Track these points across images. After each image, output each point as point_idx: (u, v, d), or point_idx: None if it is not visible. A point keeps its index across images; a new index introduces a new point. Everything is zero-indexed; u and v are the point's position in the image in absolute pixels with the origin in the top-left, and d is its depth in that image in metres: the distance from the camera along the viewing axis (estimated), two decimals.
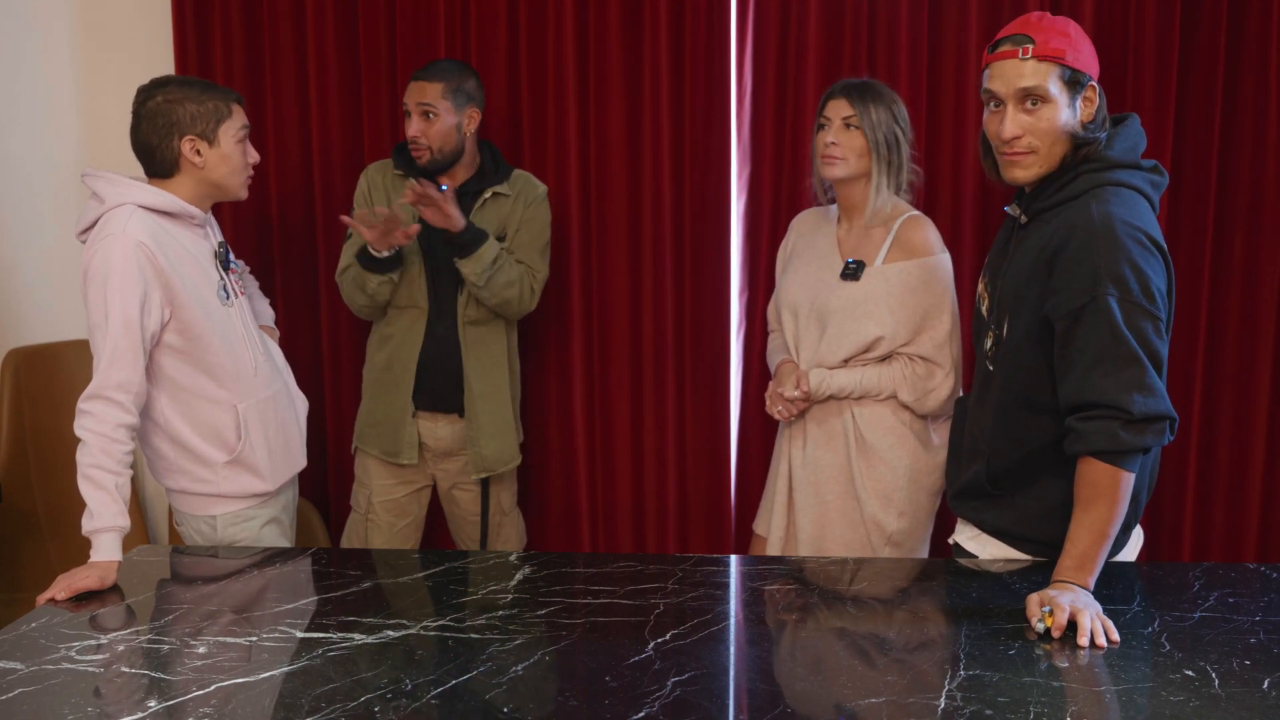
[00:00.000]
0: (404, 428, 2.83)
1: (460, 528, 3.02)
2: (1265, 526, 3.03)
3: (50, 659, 1.64)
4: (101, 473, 2.02)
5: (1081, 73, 1.90)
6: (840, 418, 2.51)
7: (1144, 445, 1.82)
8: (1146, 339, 1.82)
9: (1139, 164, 1.93)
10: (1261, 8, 2.83)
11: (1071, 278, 1.84)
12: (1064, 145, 1.93)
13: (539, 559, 2.10)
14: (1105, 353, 1.81)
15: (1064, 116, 1.90)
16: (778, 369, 2.55)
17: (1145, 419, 1.81)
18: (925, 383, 2.46)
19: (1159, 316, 1.84)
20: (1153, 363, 1.82)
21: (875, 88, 2.48)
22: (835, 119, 2.45)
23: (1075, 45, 1.90)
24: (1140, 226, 1.84)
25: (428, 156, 2.73)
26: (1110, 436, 1.81)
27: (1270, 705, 1.46)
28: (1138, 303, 1.81)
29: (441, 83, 2.71)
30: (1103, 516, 1.83)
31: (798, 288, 2.55)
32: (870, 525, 2.49)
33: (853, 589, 1.94)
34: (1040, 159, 1.93)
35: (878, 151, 2.43)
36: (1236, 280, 2.96)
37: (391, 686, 1.54)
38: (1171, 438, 1.87)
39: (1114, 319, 1.80)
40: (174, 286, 2.15)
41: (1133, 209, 1.86)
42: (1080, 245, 1.84)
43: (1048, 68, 1.89)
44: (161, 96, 2.19)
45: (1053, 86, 1.89)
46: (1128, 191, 1.89)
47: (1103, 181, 1.89)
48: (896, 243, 2.47)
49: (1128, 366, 1.80)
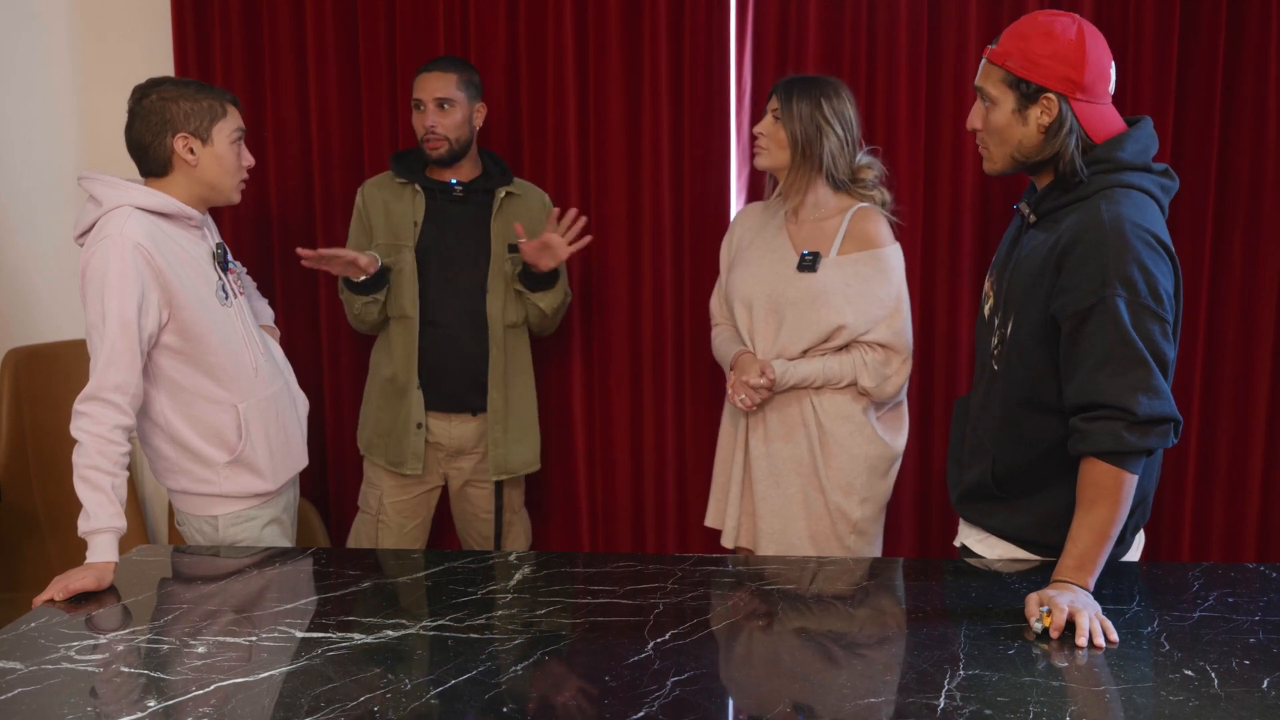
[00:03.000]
0: (408, 438, 2.84)
1: (471, 524, 3.02)
2: (1265, 526, 3.03)
3: (50, 659, 1.64)
4: (98, 474, 2.02)
5: (1028, 81, 1.89)
6: (800, 406, 2.54)
7: (1148, 447, 1.82)
8: (1153, 341, 1.81)
9: (1150, 167, 1.92)
10: (1261, 8, 2.83)
11: (1080, 278, 1.84)
12: (1012, 150, 1.95)
13: (539, 559, 2.10)
14: (1112, 354, 1.81)
15: (1005, 120, 1.93)
16: (738, 359, 2.57)
17: (1150, 420, 1.80)
18: (884, 369, 2.51)
19: (1166, 319, 1.83)
20: (1159, 365, 1.82)
21: (809, 82, 2.52)
22: (768, 112, 2.55)
23: (1029, 51, 1.89)
24: (1149, 229, 1.83)
25: (445, 147, 2.75)
26: (1114, 437, 1.81)
27: (1270, 705, 1.46)
28: (1146, 304, 1.81)
29: (456, 74, 2.75)
30: (1104, 517, 1.83)
31: (751, 281, 2.57)
32: (835, 514, 2.52)
33: (852, 588, 1.94)
34: (992, 155, 1.99)
35: (795, 143, 2.49)
36: (1236, 280, 2.96)
37: (391, 686, 1.54)
38: (1176, 440, 1.86)
39: (1121, 320, 1.80)
40: (172, 288, 2.14)
41: (1142, 211, 1.86)
42: (1089, 245, 1.83)
43: (994, 70, 1.94)
44: (156, 94, 2.19)
45: (995, 89, 1.94)
46: (1137, 194, 1.88)
47: (1113, 183, 1.88)
48: (849, 235, 2.52)
49: (1134, 368, 1.80)
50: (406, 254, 2.79)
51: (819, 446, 2.53)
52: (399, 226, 2.80)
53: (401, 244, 2.80)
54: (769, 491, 2.56)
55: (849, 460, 2.52)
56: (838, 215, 2.55)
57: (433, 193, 2.82)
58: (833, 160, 2.51)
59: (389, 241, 2.81)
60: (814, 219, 2.56)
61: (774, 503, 2.55)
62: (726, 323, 2.70)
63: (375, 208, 2.84)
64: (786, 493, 2.54)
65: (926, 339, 3.04)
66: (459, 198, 2.82)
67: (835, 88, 2.52)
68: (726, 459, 2.69)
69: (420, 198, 2.81)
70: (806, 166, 2.51)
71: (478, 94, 2.81)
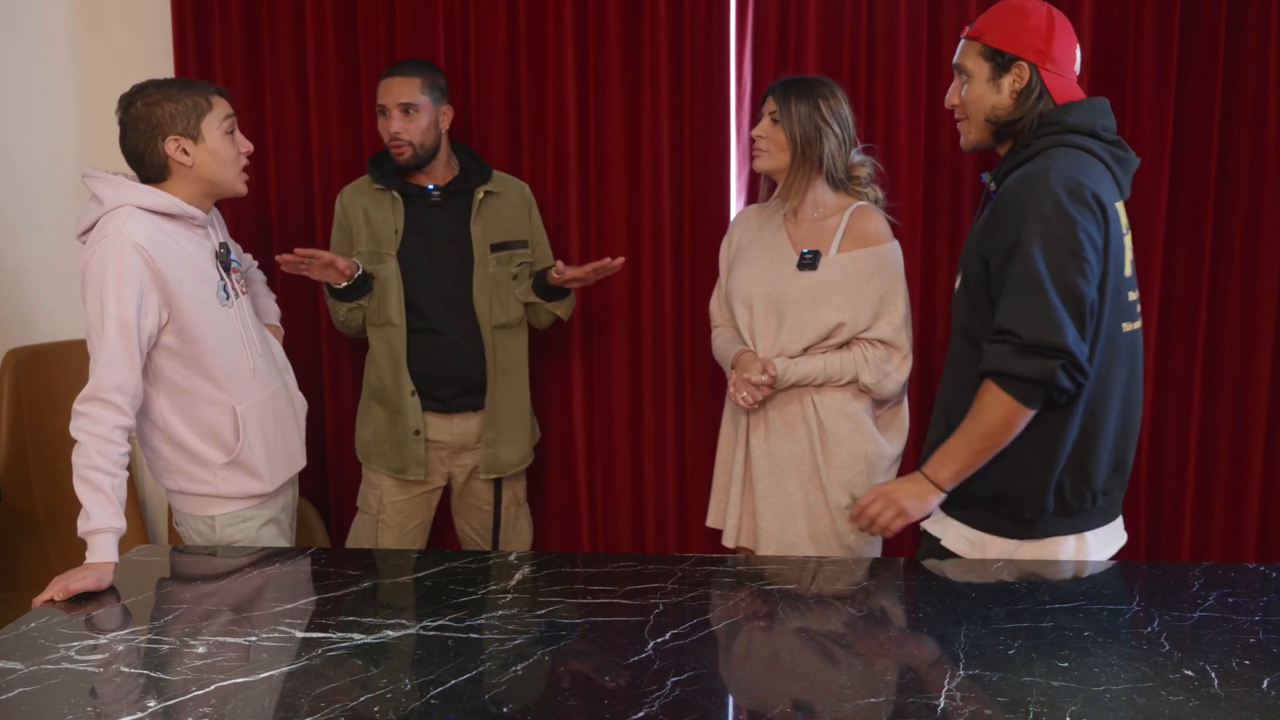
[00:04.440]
0: (408, 445, 2.84)
1: (473, 518, 3.02)
2: (1265, 526, 3.03)
3: (50, 659, 1.64)
4: (97, 474, 2.02)
5: (1002, 51, 2.03)
6: (801, 404, 2.54)
7: (1030, 375, 1.90)
8: (1064, 276, 1.89)
9: (1096, 133, 2.02)
10: (1261, 7, 2.83)
11: (1005, 219, 1.96)
12: (985, 115, 2.07)
13: (539, 559, 2.10)
14: (1017, 283, 1.92)
15: (980, 90, 2.07)
16: (738, 357, 2.57)
17: (1035, 346, 1.88)
18: (884, 365, 2.52)
19: (1084, 258, 1.90)
20: (1067, 300, 1.89)
21: (805, 83, 2.54)
22: (765, 114, 2.55)
23: (1003, 26, 2.04)
24: (1077, 178, 1.92)
25: (410, 153, 2.74)
26: (999, 358, 1.92)
27: (1270, 705, 1.46)
28: (1060, 240, 1.89)
29: (419, 78, 2.74)
30: (979, 431, 1.97)
31: (751, 280, 2.58)
32: (836, 513, 2.52)
33: (853, 588, 1.94)
34: (970, 127, 2.12)
35: (795, 144, 2.50)
36: (1236, 280, 2.96)
37: (391, 686, 1.54)
38: (1069, 385, 1.92)
39: (1031, 255, 1.90)
40: (172, 289, 2.14)
41: (1077, 165, 1.95)
42: (1016, 191, 1.95)
43: (971, 45, 2.09)
44: (140, 101, 2.18)
45: (972, 62, 2.08)
46: (1078, 152, 1.98)
47: (1056, 143, 2.00)
48: (848, 232, 2.53)
49: (1033, 296, 1.90)
50: (390, 262, 2.78)
51: (819, 444, 2.53)
52: (380, 234, 2.80)
53: (384, 252, 2.79)
54: (770, 490, 2.56)
55: (850, 458, 2.52)
56: (836, 214, 2.55)
57: (411, 199, 2.81)
58: (832, 160, 2.52)
59: (371, 249, 2.80)
60: (813, 218, 2.57)
61: (774, 501, 2.55)
62: (726, 324, 2.70)
63: (355, 215, 2.83)
64: (787, 491, 2.54)
65: (926, 338, 3.05)
66: (437, 203, 2.81)
67: (830, 88, 2.53)
68: (727, 459, 2.69)
69: (399, 204, 2.80)
70: (806, 167, 2.52)
71: (443, 96, 2.79)
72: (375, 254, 2.80)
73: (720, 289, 2.74)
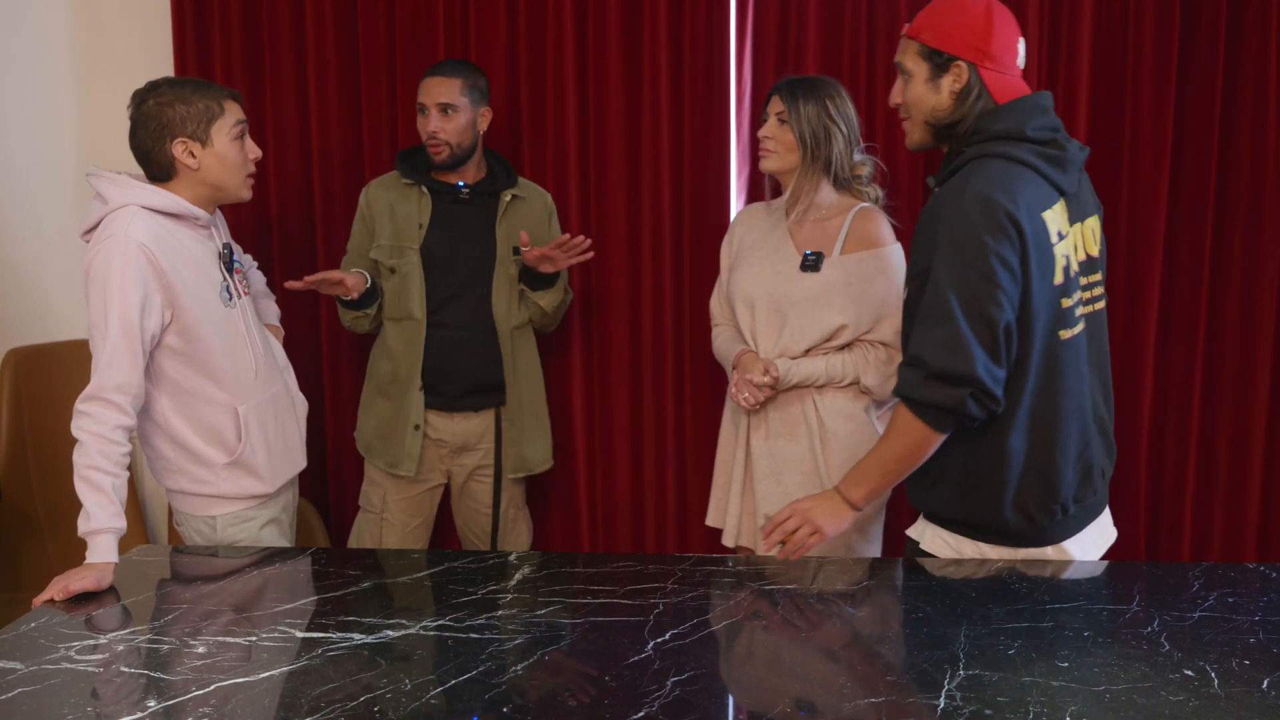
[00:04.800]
0: (404, 440, 2.84)
1: (473, 519, 3.02)
2: (1265, 526, 3.03)
3: (50, 659, 1.64)
4: (98, 474, 2.02)
5: (940, 51, 1.98)
6: (802, 405, 2.54)
7: (938, 403, 1.90)
8: (976, 304, 1.87)
9: (1025, 136, 1.96)
10: (1261, 8, 2.83)
11: (920, 243, 1.95)
12: (925, 116, 2.03)
13: (539, 559, 2.10)
14: (928, 310, 1.91)
15: (920, 91, 2.02)
16: (740, 358, 2.57)
17: (943, 376, 1.88)
18: (886, 367, 2.52)
19: (997, 284, 1.86)
20: (978, 327, 1.86)
21: (811, 84, 2.53)
22: (771, 115, 2.54)
23: (940, 25, 1.99)
24: (993, 197, 1.87)
25: (447, 152, 2.76)
26: (910, 385, 1.93)
27: (1270, 705, 1.46)
28: (971, 266, 1.86)
29: (460, 79, 2.75)
30: (890, 454, 1.98)
31: (753, 281, 2.58)
32: None
33: (853, 588, 1.94)
34: (912, 127, 2.07)
35: (804, 145, 2.50)
36: (1236, 280, 2.96)
37: (391, 686, 1.54)
38: (979, 412, 1.90)
39: (940, 280, 1.89)
40: (175, 289, 2.14)
41: (997, 180, 1.89)
42: (931, 214, 1.94)
43: (909, 43, 2.03)
44: (153, 100, 2.18)
45: (911, 62, 2.03)
46: (1002, 163, 1.93)
47: (982, 153, 1.96)
48: (851, 234, 2.53)
49: (941, 324, 1.88)
50: (412, 256, 2.79)
51: (820, 445, 2.53)
52: (404, 228, 2.80)
53: (406, 245, 2.80)
54: (770, 490, 2.56)
55: (850, 459, 2.51)
56: (839, 215, 2.55)
57: (439, 195, 2.82)
58: (840, 160, 2.52)
59: (393, 243, 2.81)
60: (816, 219, 2.57)
61: (775, 501, 2.55)
62: (727, 323, 2.70)
63: (380, 209, 2.84)
64: (788, 491, 2.54)
65: None
66: (464, 200, 2.82)
67: (836, 87, 2.54)
68: (728, 458, 2.69)
69: (426, 199, 2.81)
70: (815, 168, 2.52)
71: (483, 98, 2.80)
72: (397, 248, 2.80)
73: (721, 287, 2.74)
